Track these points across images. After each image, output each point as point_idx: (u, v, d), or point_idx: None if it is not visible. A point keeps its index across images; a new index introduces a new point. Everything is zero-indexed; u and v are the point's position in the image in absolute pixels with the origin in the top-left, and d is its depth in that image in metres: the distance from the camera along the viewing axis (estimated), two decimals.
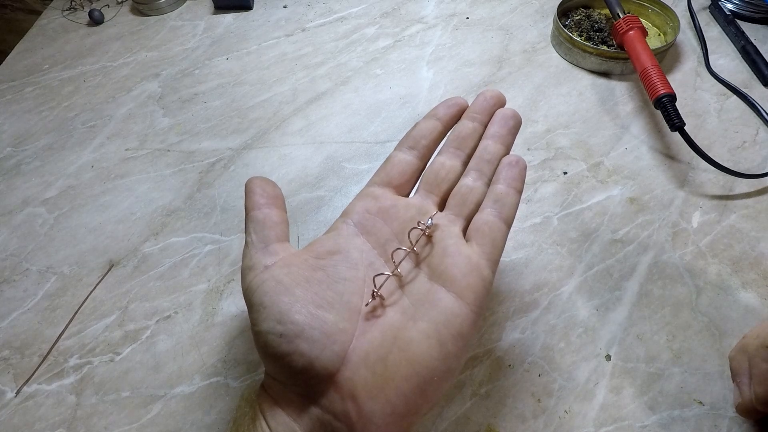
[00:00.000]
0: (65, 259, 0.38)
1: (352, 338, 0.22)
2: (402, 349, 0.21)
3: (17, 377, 0.32)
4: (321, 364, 0.20)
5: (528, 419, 0.29)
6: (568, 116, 0.46)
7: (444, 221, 0.26)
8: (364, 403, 0.20)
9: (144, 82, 0.53)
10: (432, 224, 0.25)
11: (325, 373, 0.21)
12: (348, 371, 0.21)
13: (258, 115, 0.49)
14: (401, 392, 0.20)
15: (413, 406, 0.21)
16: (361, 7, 0.61)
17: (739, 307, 0.33)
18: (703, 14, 0.57)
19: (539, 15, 0.58)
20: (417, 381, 0.21)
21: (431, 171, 0.28)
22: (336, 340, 0.21)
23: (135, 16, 0.63)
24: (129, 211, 0.41)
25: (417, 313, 0.22)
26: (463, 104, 0.30)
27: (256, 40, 0.58)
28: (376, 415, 0.20)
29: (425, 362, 0.21)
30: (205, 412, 0.30)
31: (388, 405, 0.20)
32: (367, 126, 0.47)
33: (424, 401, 0.21)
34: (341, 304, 0.22)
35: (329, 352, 0.21)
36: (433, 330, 0.22)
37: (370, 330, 0.22)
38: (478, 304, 0.23)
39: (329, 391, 0.21)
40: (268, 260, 0.23)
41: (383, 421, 0.20)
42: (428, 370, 0.21)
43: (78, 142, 0.47)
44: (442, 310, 0.22)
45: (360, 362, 0.21)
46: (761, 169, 0.41)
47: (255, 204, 0.25)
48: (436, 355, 0.21)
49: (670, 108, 0.40)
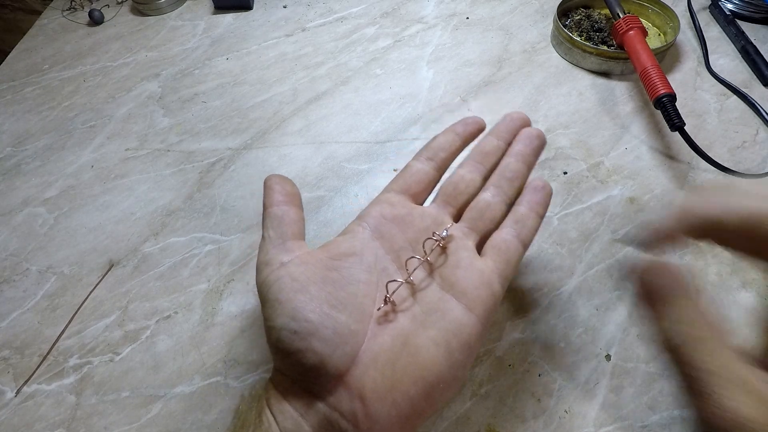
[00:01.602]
0: (65, 259, 0.38)
1: (363, 340, 0.22)
2: (411, 354, 0.22)
3: (17, 377, 0.32)
4: (332, 363, 0.21)
5: (528, 419, 0.29)
6: (568, 116, 0.46)
7: (458, 233, 0.26)
8: (372, 403, 0.20)
9: (144, 82, 0.53)
10: (447, 235, 0.25)
11: (335, 372, 0.21)
12: (358, 372, 0.21)
13: (258, 115, 0.49)
14: (408, 396, 0.21)
15: (418, 409, 0.21)
16: (361, 7, 0.61)
17: (739, 307, 0.33)
18: (703, 14, 0.57)
19: (539, 15, 0.58)
20: (424, 386, 0.21)
21: (450, 182, 0.28)
22: (348, 341, 0.21)
23: (135, 16, 0.63)
24: (129, 211, 0.41)
25: (427, 321, 0.23)
26: (481, 123, 0.31)
27: (256, 40, 0.58)
28: (382, 416, 0.20)
29: (433, 368, 0.21)
30: (205, 412, 0.30)
31: (395, 407, 0.20)
32: (367, 126, 0.47)
33: (429, 406, 0.21)
34: (354, 306, 0.23)
35: (341, 351, 0.21)
36: (442, 338, 0.22)
37: (380, 333, 0.22)
38: (486, 316, 0.23)
39: (338, 389, 0.21)
40: (285, 257, 0.24)
41: (388, 422, 0.20)
42: (435, 376, 0.21)
43: (78, 142, 0.47)
44: (452, 320, 0.23)
45: (370, 364, 0.21)
46: (761, 169, 0.41)
47: (274, 201, 0.26)
48: (444, 363, 0.21)
49: (670, 108, 0.40)
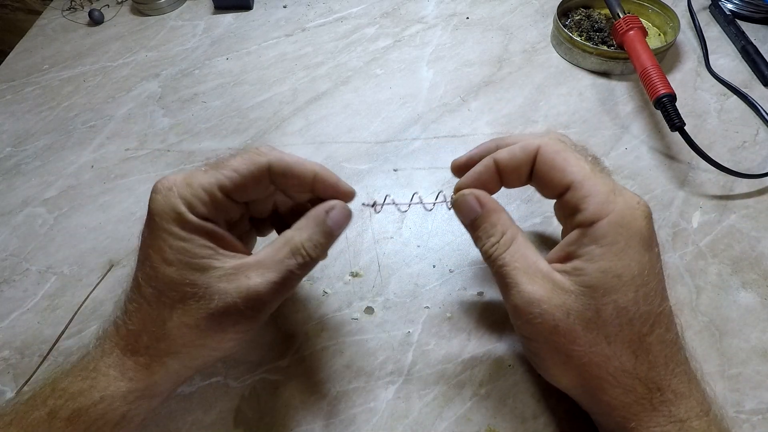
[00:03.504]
0: (65, 259, 0.38)
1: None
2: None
3: (17, 377, 0.32)
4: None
5: (528, 419, 0.29)
6: (568, 116, 0.46)
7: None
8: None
9: (144, 82, 0.53)
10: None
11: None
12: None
13: (258, 115, 0.49)
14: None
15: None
16: (361, 7, 0.61)
17: (739, 307, 0.33)
18: (703, 14, 0.57)
19: (539, 15, 0.58)
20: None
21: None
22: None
23: (135, 16, 0.63)
24: (129, 211, 0.41)
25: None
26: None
27: (256, 40, 0.58)
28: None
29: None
30: (204, 412, 0.30)
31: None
32: (367, 126, 0.47)
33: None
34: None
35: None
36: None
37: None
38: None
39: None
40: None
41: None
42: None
43: (78, 142, 0.47)
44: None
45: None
46: (761, 169, 0.41)
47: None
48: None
49: (670, 108, 0.40)
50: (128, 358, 0.23)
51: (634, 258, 0.22)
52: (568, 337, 0.23)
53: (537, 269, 0.24)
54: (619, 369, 0.22)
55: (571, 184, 0.24)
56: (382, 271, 0.36)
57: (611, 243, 0.22)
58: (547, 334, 0.23)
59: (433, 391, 0.31)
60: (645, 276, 0.22)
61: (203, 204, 0.23)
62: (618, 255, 0.22)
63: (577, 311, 0.22)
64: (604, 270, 0.22)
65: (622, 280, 0.22)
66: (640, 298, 0.22)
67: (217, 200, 0.24)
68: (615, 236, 0.22)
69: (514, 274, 0.24)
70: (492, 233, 0.25)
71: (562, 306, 0.23)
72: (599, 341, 0.22)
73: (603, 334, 0.22)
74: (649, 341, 0.22)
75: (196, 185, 0.23)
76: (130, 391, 0.23)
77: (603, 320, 0.22)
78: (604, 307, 0.22)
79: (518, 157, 0.25)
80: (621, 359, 0.22)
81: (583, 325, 0.22)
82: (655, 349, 0.22)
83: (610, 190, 0.23)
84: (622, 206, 0.23)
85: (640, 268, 0.22)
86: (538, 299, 0.23)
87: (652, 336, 0.22)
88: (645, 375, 0.22)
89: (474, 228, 0.26)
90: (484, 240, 0.26)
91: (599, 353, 0.22)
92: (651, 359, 0.22)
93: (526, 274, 0.24)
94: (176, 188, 0.23)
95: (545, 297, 0.23)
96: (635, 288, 0.22)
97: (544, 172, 0.25)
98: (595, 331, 0.22)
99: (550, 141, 0.25)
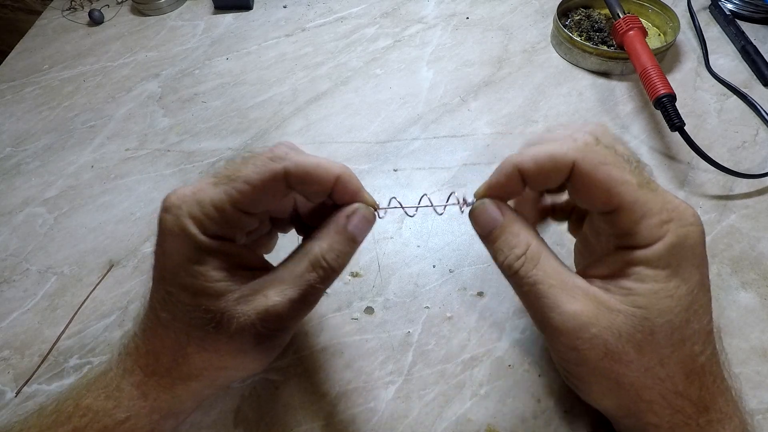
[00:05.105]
0: (65, 259, 0.38)
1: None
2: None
3: (17, 377, 0.32)
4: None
5: (528, 419, 0.29)
6: (568, 116, 0.46)
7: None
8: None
9: (144, 82, 0.53)
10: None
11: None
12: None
13: (258, 115, 0.49)
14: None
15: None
16: (361, 7, 0.61)
17: (739, 307, 0.33)
18: (703, 14, 0.57)
19: (539, 15, 0.58)
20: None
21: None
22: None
23: (135, 16, 0.63)
24: (129, 211, 0.41)
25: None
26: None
27: (256, 40, 0.58)
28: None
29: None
30: (204, 412, 0.30)
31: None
32: (367, 126, 0.47)
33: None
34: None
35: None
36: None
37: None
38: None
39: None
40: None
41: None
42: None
43: (78, 142, 0.47)
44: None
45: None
46: (761, 169, 0.41)
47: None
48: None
49: (670, 108, 0.40)
50: (150, 378, 0.23)
51: (686, 277, 0.21)
52: (620, 362, 0.21)
53: (575, 286, 0.22)
54: (671, 391, 0.21)
55: (618, 206, 0.21)
56: (382, 271, 0.36)
57: (665, 265, 0.21)
58: (597, 360, 0.21)
59: (432, 391, 0.31)
60: (695, 294, 0.21)
61: (214, 223, 0.22)
62: (671, 276, 0.21)
63: (628, 333, 0.21)
64: (657, 291, 0.21)
65: (675, 299, 0.21)
66: (692, 317, 0.21)
67: (228, 216, 0.22)
68: (669, 259, 0.21)
69: (552, 293, 0.21)
70: (515, 244, 0.22)
71: (611, 327, 0.21)
72: (653, 364, 0.21)
73: (657, 356, 0.21)
74: (701, 361, 0.21)
75: (207, 202, 0.22)
76: (153, 410, 0.23)
77: (657, 342, 0.21)
78: (659, 329, 0.21)
79: (546, 168, 0.21)
80: (674, 380, 0.21)
81: (636, 347, 0.21)
82: (705, 369, 0.22)
83: (662, 207, 0.21)
84: (676, 227, 0.21)
85: (692, 286, 0.21)
86: (585, 322, 0.21)
87: (703, 356, 0.22)
88: (696, 395, 0.21)
89: (492, 240, 0.23)
90: (506, 252, 0.22)
91: (652, 376, 0.21)
92: (702, 379, 0.22)
93: (564, 292, 0.21)
94: (186, 206, 0.22)
95: (593, 318, 0.21)
96: (687, 306, 0.21)
97: (583, 192, 0.22)
98: (649, 353, 0.21)
99: (587, 151, 0.21)
